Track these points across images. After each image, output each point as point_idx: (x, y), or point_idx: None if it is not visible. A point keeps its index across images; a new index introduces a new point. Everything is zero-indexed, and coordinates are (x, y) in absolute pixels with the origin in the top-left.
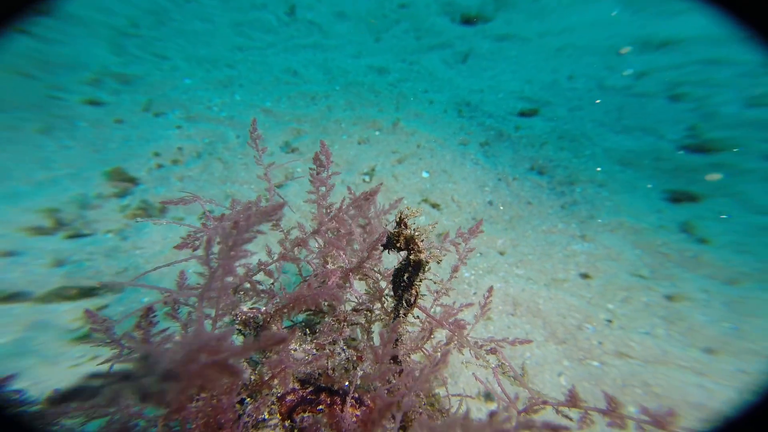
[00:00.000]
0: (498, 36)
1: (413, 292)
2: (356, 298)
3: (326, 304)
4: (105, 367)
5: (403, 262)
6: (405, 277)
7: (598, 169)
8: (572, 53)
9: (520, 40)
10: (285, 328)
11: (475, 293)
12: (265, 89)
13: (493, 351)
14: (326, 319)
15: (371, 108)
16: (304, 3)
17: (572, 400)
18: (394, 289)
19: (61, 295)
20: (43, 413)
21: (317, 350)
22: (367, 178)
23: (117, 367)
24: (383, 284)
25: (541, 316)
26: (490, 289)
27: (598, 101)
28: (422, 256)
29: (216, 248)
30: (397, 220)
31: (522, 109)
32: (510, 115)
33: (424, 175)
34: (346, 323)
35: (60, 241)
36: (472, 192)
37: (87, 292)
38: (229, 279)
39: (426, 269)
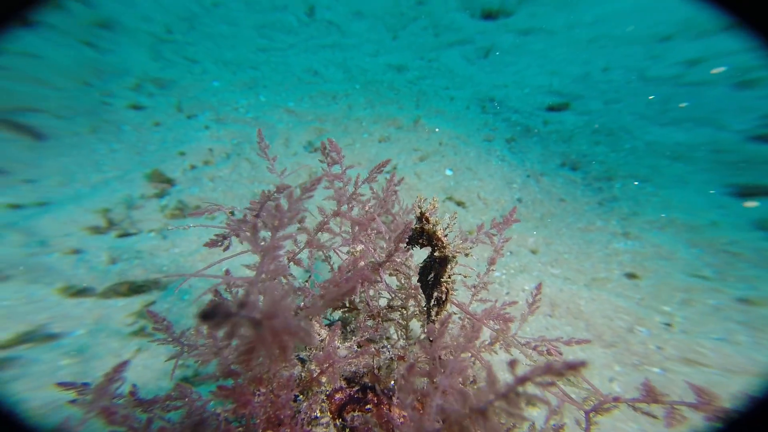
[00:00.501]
0: (521, 30)
1: (443, 289)
2: (389, 294)
3: (359, 300)
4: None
5: (428, 259)
6: (432, 275)
7: (635, 183)
8: (606, 44)
9: (545, 33)
10: (325, 325)
11: (507, 293)
12: (287, 89)
13: (549, 353)
14: (360, 317)
15: (391, 106)
16: (322, 3)
17: (650, 394)
18: (423, 288)
19: (116, 291)
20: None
21: (359, 347)
22: (388, 177)
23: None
24: (415, 280)
25: (584, 318)
26: (539, 286)
27: (651, 97)
28: (447, 251)
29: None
30: (417, 215)
31: (550, 104)
32: (537, 110)
33: (448, 172)
34: (381, 319)
35: (113, 240)
36: (499, 189)
37: (137, 289)
38: (279, 261)
39: (453, 264)
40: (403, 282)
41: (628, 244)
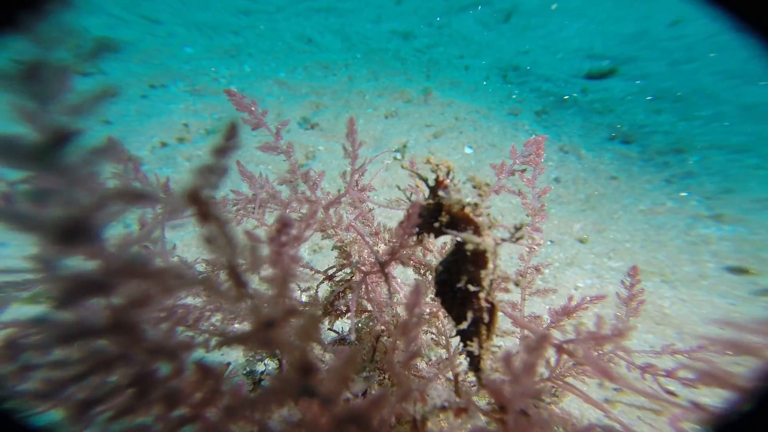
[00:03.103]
0: None
1: (482, 304)
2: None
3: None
4: None
5: (451, 257)
6: (463, 283)
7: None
8: None
9: None
10: (331, 341)
11: (555, 292)
12: (277, 58)
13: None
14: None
15: (398, 77)
16: None
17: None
18: (447, 306)
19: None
20: None
21: (380, 385)
22: (398, 155)
23: None
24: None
25: (672, 324)
26: (635, 270)
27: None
28: (487, 240)
29: None
30: (431, 184)
31: (590, 71)
32: (574, 77)
33: (467, 150)
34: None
35: None
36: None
37: None
38: None
39: (496, 261)
40: (423, 274)
41: (723, 229)
